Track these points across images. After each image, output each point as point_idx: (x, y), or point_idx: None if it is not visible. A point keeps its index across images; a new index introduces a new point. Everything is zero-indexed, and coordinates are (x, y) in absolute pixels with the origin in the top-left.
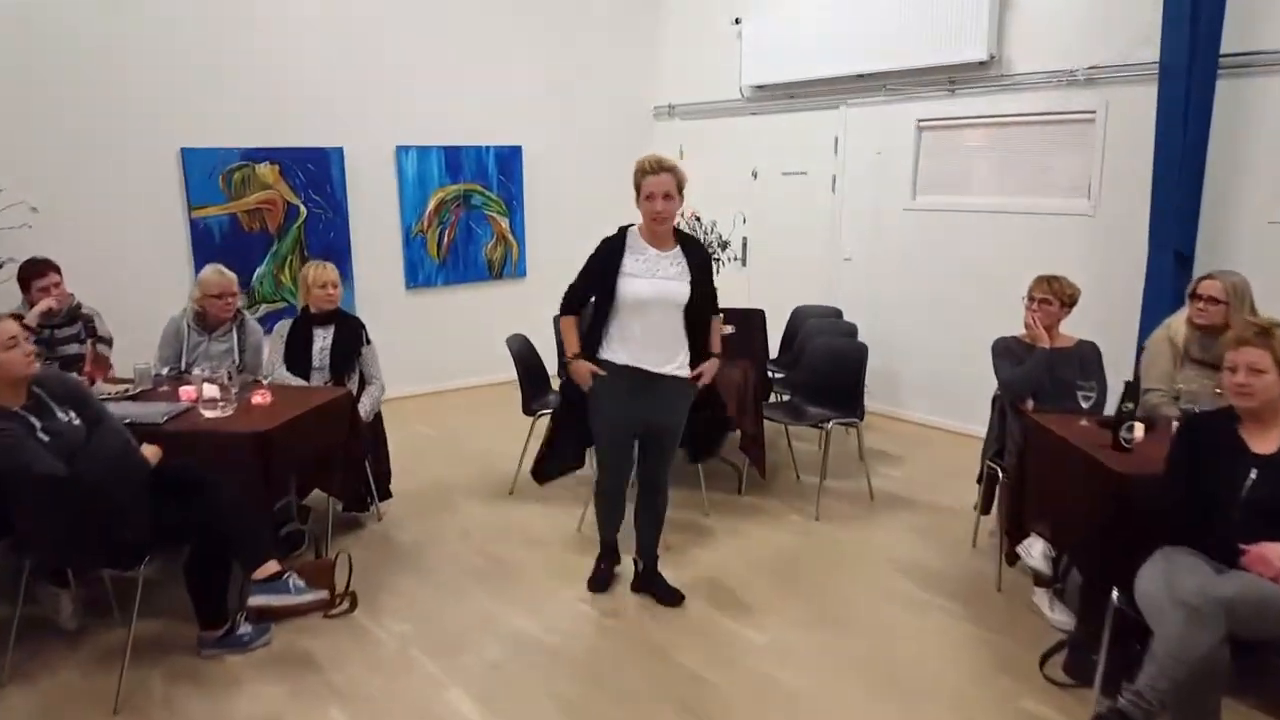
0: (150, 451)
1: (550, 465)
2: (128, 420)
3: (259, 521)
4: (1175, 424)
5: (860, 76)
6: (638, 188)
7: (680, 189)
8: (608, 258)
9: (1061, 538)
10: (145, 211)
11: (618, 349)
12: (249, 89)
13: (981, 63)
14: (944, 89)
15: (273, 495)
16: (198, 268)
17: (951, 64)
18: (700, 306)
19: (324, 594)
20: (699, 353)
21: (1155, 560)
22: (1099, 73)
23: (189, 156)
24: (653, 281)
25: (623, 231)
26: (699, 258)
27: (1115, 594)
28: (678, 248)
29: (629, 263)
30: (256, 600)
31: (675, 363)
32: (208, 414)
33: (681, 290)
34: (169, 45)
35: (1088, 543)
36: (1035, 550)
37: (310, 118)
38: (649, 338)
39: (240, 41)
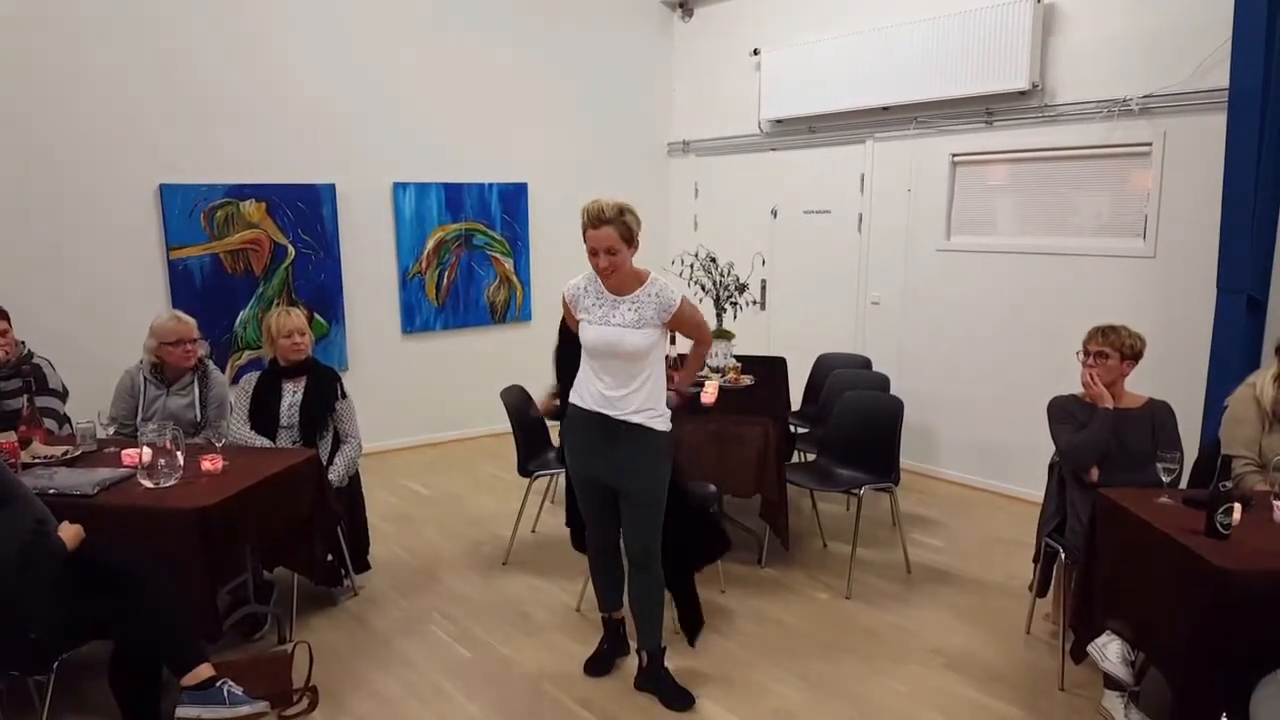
0: (69, 533)
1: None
2: (52, 491)
3: (192, 616)
4: (1277, 503)
5: (888, 108)
6: (585, 236)
7: (629, 239)
8: (571, 303)
9: (1145, 640)
10: (120, 252)
11: (582, 392)
12: (234, 121)
13: (1022, 92)
14: (981, 121)
15: (219, 578)
16: None
17: (989, 94)
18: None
19: (263, 705)
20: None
21: (1278, 686)
22: (1155, 102)
23: (168, 193)
24: (601, 329)
25: (585, 277)
26: (663, 303)
27: None
28: (641, 291)
29: (586, 305)
30: (185, 711)
31: (640, 414)
32: (147, 483)
33: (628, 338)
34: (146, 73)
35: (1180, 650)
36: (1111, 651)
37: (300, 152)
38: (610, 383)
39: (225, 70)
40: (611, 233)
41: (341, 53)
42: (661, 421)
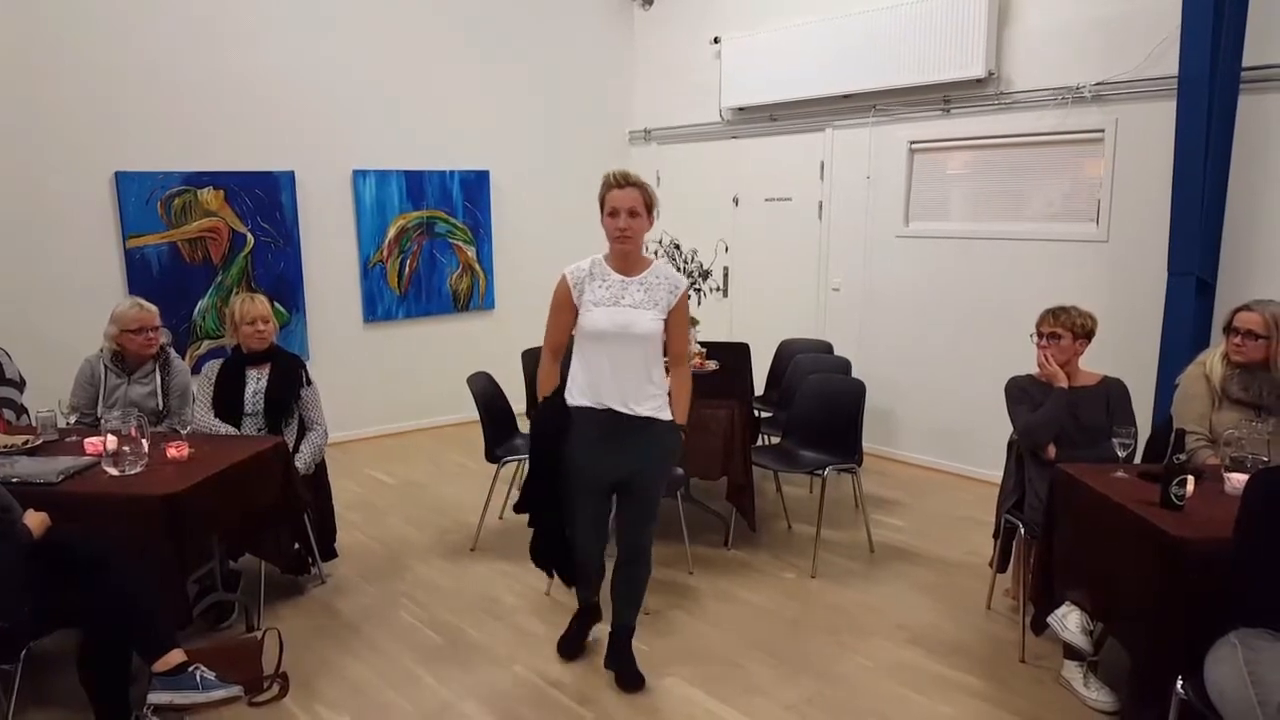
0: (34, 521)
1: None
2: (15, 480)
3: (162, 602)
4: (1228, 475)
5: (847, 96)
6: (602, 203)
7: (650, 208)
8: (574, 288)
9: (1103, 609)
10: (74, 241)
11: (585, 389)
12: (191, 107)
13: (978, 80)
14: (938, 109)
15: (187, 565)
16: None
17: (946, 82)
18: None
19: (237, 689)
20: None
21: (1231, 648)
22: (1107, 89)
23: (124, 181)
24: (612, 310)
25: (591, 261)
26: (673, 284)
27: (1180, 684)
28: (649, 272)
29: (591, 291)
30: (158, 697)
31: (649, 404)
32: (112, 471)
33: (644, 319)
34: (102, 58)
35: (1137, 619)
36: (1071, 622)
37: (259, 139)
38: (617, 375)
39: (182, 55)
40: (636, 195)
41: (300, 38)
42: (665, 412)
